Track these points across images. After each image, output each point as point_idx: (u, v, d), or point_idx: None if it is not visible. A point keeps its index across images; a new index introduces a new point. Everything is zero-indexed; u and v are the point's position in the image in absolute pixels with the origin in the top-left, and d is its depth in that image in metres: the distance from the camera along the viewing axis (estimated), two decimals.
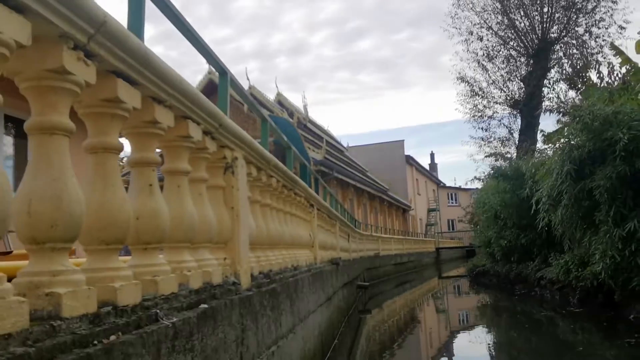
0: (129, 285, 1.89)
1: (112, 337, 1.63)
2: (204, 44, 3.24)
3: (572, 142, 10.67)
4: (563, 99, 19.29)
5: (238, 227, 3.37)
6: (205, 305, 2.47)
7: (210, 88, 24.25)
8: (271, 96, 30.71)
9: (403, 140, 54.20)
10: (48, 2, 1.42)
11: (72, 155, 1.63)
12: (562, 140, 11.68)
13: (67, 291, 1.52)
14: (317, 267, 7.09)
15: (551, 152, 14.17)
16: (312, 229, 7.40)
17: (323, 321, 6.95)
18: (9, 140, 9.30)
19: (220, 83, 3.68)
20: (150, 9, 2.68)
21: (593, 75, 16.21)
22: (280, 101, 32.41)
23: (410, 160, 53.78)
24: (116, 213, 1.88)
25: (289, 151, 6.41)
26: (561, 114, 11.75)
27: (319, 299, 6.75)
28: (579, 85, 16.78)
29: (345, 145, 46.86)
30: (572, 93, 21.03)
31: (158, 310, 2.03)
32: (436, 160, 75.33)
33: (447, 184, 67.12)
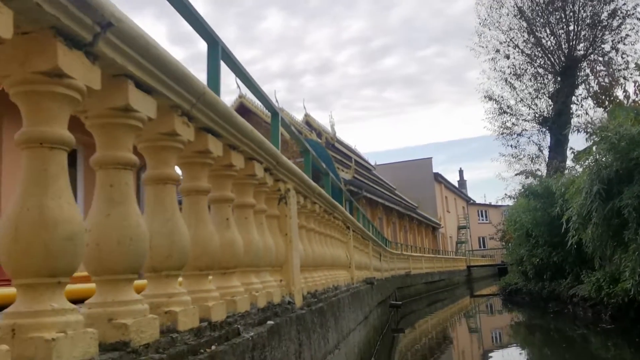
0: (218, 304, 2.28)
1: (213, 347, 2.02)
2: (259, 88, 3.67)
3: (600, 162, 10.83)
4: (591, 117, 19.34)
5: (291, 252, 3.75)
6: (272, 322, 2.85)
7: (240, 110, 24.93)
8: (298, 116, 31.26)
9: (431, 158, 54.32)
10: (167, 82, 1.84)
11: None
12: (590, 159, 11.85)
13: (180, 310, 1.92)
14: (354, 287, 7.43)
15: (580, 169, 14.30)
16: (349, 249, 7.75)
17: (361, 339, 7.26)
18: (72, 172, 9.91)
19: (272, 123, 4.11)
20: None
21: (620, 93, 16.29)
22: (309, 122, 32.92)
23: (438, 178, 53.75)
24: (207, 244, 2.28)
25: (327, 177, 6.80)
26: (588, 134, 11.91)
27: (357, 318, 7.07)
28: (606, 104, 16.87)
29: (372, 164, 47.16)
30: (599, 111, 21.05)
31: (239, 326, 2.42)
32: (465, 177, 75.05)
33: (477, 201, 66.66)
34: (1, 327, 1.27)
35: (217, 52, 2.85)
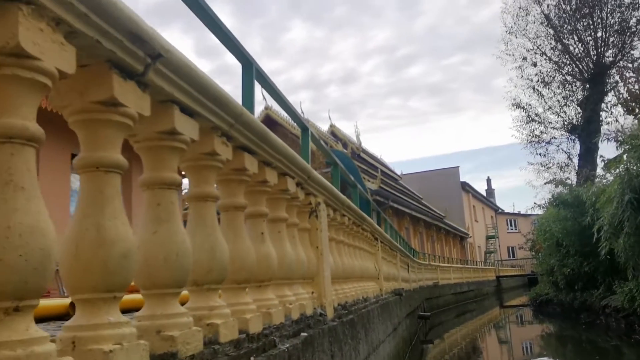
0: (255, 316, 2.36)
1: (252, 358, 2.10)
2: (291, 106, 3.76)
3: (632, 170, 10.67)
4: (622, 124, 19.03)
5: (322, 264, 3.82)
6: (306, 334, 2.92)
7: (267, 122, 25.18)
8: (324, 127, 31.37)
9: (458, 167, 53.87)
10: (208, 106, 1.94)
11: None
12: (621, 167, 11.67)
13: (221, 322, 2.00)
14: (383, 298, 7.45)
15: (611, 178, 14.08)
16: (377, 261, 7.78)
17: (391, 351, 7.27)
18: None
19: (302, 138, 4.20)
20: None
21: None
22: (334, 132, 33.00)
23: (466, 187, 53.26)
24: (244, 258, 2.37)
25: (354, 189, 6.87)
26: (619, 142, 11.74)
27: (387, 329, 7.08)
28: (636, 111, 16.60)
29: (398, 173, 47.00)
30: (629, 118, 20.70)
31: (275, 338, 2.49)
32: (493, 186, 74.19)
33: (506, 210, 65.85)
34: (62, 340, 1.37)
35: (252, 73, 2.96)
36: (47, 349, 1.14)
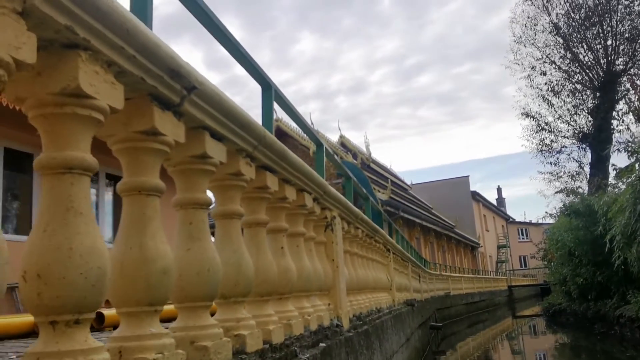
0: (277, 327, 2.48)
1: None
2: (307, 124, 3.90)
3: None
4: (633, 132, 19.00)
5: (338, 276, 3.94)
6: (324, 344, 3.03)
7: (277, 133, 25.40)
8: (333, 138, 31.52)
9: (468, 176, 53.81)
10: (235, 130, 2.08)
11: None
12: (633, 177, 11.70)
13: (248, 333, 2.13)
14: (396, 309, 7.54)
15: (624, 186, 14.08)
16: (389, 272, 7.87)
17: None
18: (110, 196, 10.40)
19: (317, 153, 4.34)
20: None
21: None
22: (344, 143, 33.11)
23: (476, 196, 53.15)
24: (267, 272, 2.49)
25: (367, 202, 6.99)
26: (629, 152, 11.77)
27: (400, 340, 7.16)
28: None
29: (408, 183, 47.03)
30: None
31: (296, 348, 2.61)
32: (504, 195, 73.94)
33: (517, 219, 65.54)
34: (110, 350, 1.50)
35: (271, 95, 3.11)
36: (103, 357, 1.27)
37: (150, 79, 1.50)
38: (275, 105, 3.42)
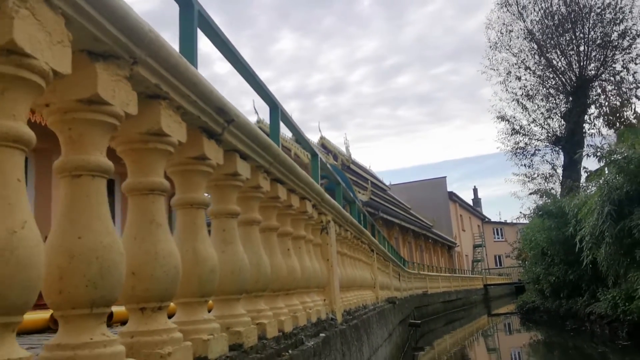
0: (288, 319, 2.87)
1: (290, 351, 2.61)
2: (305, 137, 4.29)
3: (611, 183, 11.32)
4: (603, 136, 19.76)
5: (332, 275, 4.34)
6: (324, 335, 3.43)
7: None
8: (314, 138, 31.84)
9: (445, 177, 54.75)
10: (258, 151, 2.46)
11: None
12: (602, 180, 12.33)
13: (267, 322, 2.52)
14: (379, 306, 7.97)
15: (594, 189, 14.74)
16: (373, 271, 8.30)
17: (387, 355, 7.78)
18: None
19: (312, 162, 4.73)
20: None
21: (630, 114, 16.77)
22: (324, 144, 33.43)
23: (453, 197, 54.09)
24: (279, 271, 2.88)
25: (353, 205, 7.41)
26: (598, 158, 12.44)
27: (383, 335, 7.60)
28: (617, 125, 17.34)
29: (387, 184, 47.66)
30: (611, 131, 21.47)
31: (302, 336, 3.01)
32: (480, 195, 75.14)
33: (492, 219, 66.75)
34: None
35: (278, 114, 3.50)
36: (176, 335, 1.65)
37: (203, 116, 1.88)
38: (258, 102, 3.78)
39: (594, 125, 27.83)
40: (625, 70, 27.97)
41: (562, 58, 29.27)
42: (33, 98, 1.14)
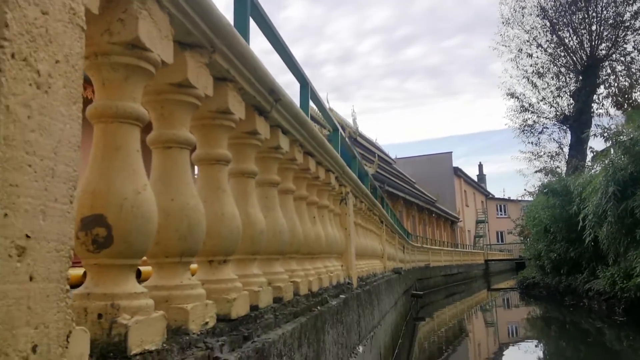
0: (315, 279, 3.16)
1: (319, 307, 2.90)
2: (329, 113, 4.52)
3: (616, 164, 11.54)
4: (612, 116, 19.82)
5: (349, 243, 4.63)
6: (344, 296, 3.73)
7: None
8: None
9: (451, 152, 54.86)
10: (296, 127, 2.71)
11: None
12: (607, 161, 12.54)
13: (300, 280, 2.80)
14: (387, 275, 8.30)
15: (599, 168, 14.93)
16: (382, 241, 8.61)
17: (393, 321, 8.14)
18: None
19: (333, 136, 4.97)
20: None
21: (638, 96, 16.86)
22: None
23: (458, 172, 54.29)
24: (307, 236, 3.16)
25: (367, 178, 7.66)
26: (604, 138, 12.60)
27: (390, 302, 7.94)
28: (625, 106, 17.43)
29: (392, 157, 47.84)
30: (619, 112, 21.53)
31: (326, 296, 3.30)
32: (485, 170, 75.31)
33: (496, 196, 67.07)
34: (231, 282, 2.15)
35: (307, 91, 3.73)
36: (236, 285, 1.92)
37: (258, 96, 2.13)
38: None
39: (602, 106, 27.86)
40: (636, 51, 27.79)
41: (574, 37, 29.07)
42: (145, 83, 1.39)
